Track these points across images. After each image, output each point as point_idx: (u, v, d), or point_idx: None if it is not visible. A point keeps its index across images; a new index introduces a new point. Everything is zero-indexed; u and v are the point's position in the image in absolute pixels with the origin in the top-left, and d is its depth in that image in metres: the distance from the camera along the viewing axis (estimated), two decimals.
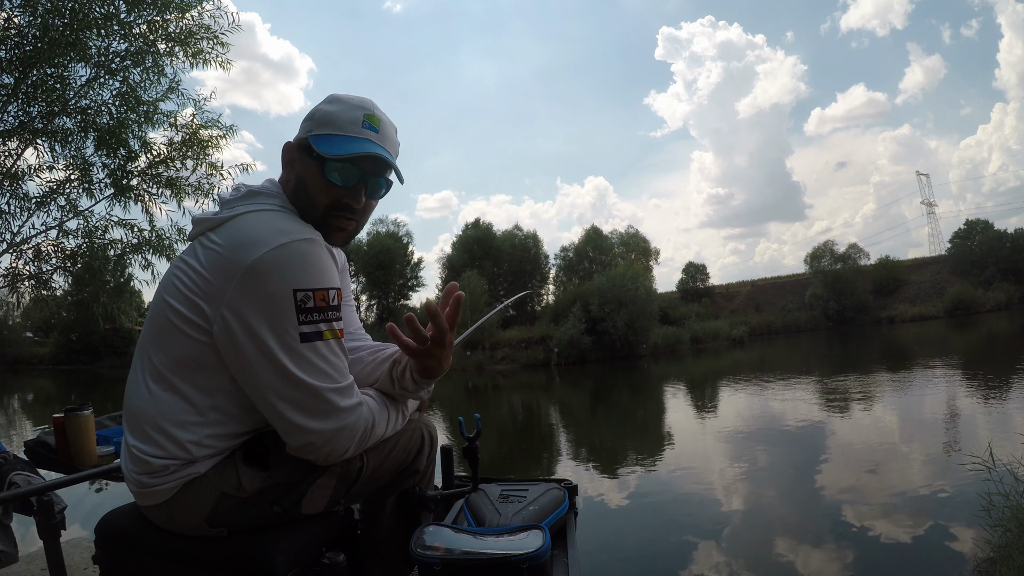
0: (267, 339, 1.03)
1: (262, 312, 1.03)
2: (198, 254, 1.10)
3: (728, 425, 11.29)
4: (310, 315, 1.05)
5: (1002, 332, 25.77)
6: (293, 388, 1.05)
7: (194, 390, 1.09)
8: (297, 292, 1.04)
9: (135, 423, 1.12)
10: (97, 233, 6.30)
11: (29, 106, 5.71)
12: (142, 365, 1.13)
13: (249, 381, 1.07)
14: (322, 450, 1.10)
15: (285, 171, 1.24)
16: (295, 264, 1.04)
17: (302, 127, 1.22)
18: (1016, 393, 11.38)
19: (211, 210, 1.25)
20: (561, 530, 1.52)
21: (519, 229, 38.84)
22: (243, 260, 1.03)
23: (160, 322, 1.11)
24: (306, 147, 1.19)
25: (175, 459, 1.09)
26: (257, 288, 1.02)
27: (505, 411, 17.22)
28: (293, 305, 1.03)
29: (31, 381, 32.55)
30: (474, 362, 28.80)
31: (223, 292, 1.04)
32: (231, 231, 1.09)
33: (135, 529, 1.18)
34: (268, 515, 1.16)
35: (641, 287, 29.08)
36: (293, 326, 1.04)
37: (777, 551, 5.23)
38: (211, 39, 6.18)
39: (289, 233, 1.06)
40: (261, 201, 1.16)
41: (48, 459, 1.97)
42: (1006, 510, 3.97)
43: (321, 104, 1.21)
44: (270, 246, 1.03)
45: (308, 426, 1.07)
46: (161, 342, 1.10)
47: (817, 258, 40.27)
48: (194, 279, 1.08)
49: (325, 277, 1.08)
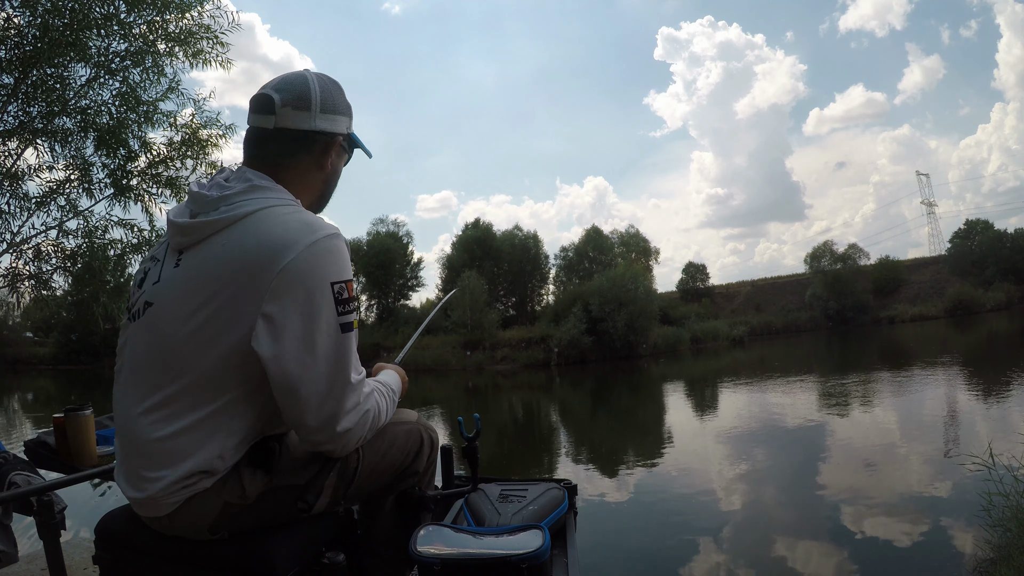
0: (314, 332, 1.03)
1: (306, 307, 1.03)
2: (210, 260, 1.06)
3: (728, 425, 11.29)
4: (346, 306, 1.07)
5: (1002, 332, 25.77)
6: (334, 378, 1.06)
7: (207, 409, 1.06)
8: (334, 285, 1.06)
9: (135, 450, 1.09)
10: (97, 233, 6.28)
11: (29, 106, 5.70)
12: (139, 391, 1.09)
13: (287, 378, 1.03)
14: (343, 440, 1.10)
15: (317, 160, 1.22)
16: (329, 259, 1.06)
17: (340, 122, 1.23)
18: (1016, 393, 11.38)
19: (183, 209, 1.16)
20: (561, 530, 1.51)
21: (519, 229, 38.87)
22: (279, 259, 1.02)
23: (169, 341, 1.06)
24: (348, 142, 1.26)
25: (180, 481, 1.06)
26: (299, 285, 1.03)
27: (505, 411, 17.22)
28: (332, 297, 1.05)
29: (31, 381, 32.56)
30: (474, 362, 28.80)
31: (260, 294, 1.02)
32: (253, 230, 1.06)
33: (135, 529, 1.17)
34: (269, 517, 1.15)
35: (641, 287, 29.09)
36: (334, 317, 1.06)
37: (777, 551, 5.23)
38: (211, 39, 6.18)
39: (317, 229, 1.07)
40: (271, 196, 1.12)
41: (48, 459, 1.96)
42: (1006, 510, 3.97)
43: (341, 95, 1.24)
44: (304, 244, 1.04)
45: (340, 416, 1.08)
46: (172, 361, 1.06)
47: (817, 258, 40.28)
48: (215, 287, 1.04)
49: (349, 268, 1.11)
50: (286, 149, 1.18)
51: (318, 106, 1.18)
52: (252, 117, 1.19)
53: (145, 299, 1.13)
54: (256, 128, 1.18)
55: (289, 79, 1.20)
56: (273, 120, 1.16)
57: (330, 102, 1.20)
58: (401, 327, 33.26)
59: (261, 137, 1.18)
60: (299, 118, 1.17)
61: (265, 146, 1.18)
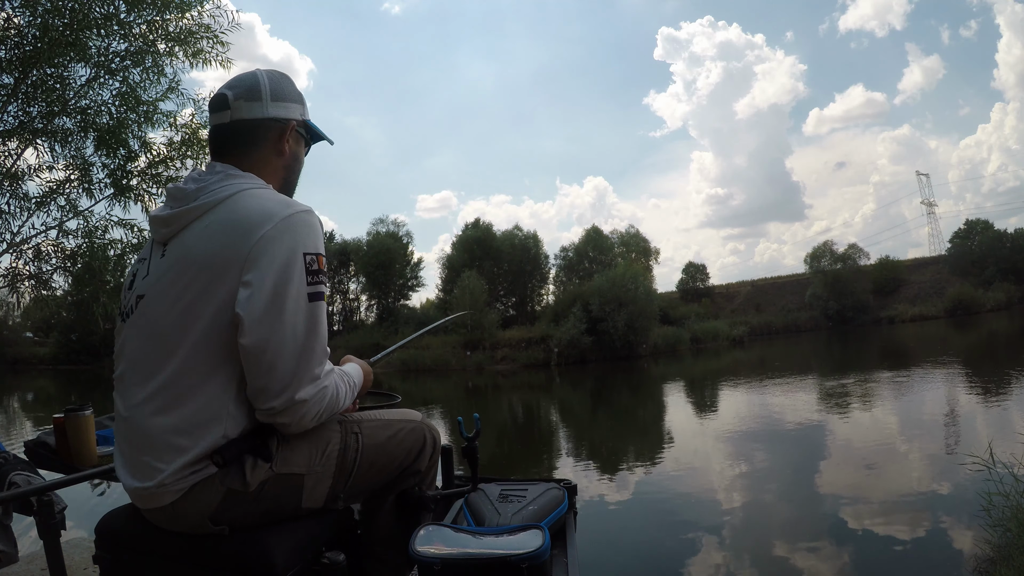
0: (284, 297, 1.08)
1: (279, 273, 1.08)
2: (193, 243, 1.12)
3: (728, 425, 11.30)
4: (316, 276, 1.13)
5: (1002, 332, 25.78)
6: (298, 343, 1.09)
7: (205, 393, 1.08)
8: (306, 256, 1.12)
9: (139, 441, 1.11)
10: (97, 233, 6.28)
11: (29, 106, 5.70)
12: (138, 382, 1.12)
13: (254, 338, 1.06)
14: (300, 410, 1.10)
15: (275, 146, 1.27)
16: (303, 230, 1.13)
17: (292, 108, 1.29)
18: (1016, 393, 11.38)
19: (163, 207, 1.22)
20: (561, 530, 1.52)
21: (519, 229, 38.89)
22: (258, 230, 1.08)
23: (161, 325, 1.11)
24: (305, 129, 1.33)
25: (187, 467, 1.08)
26: (274, 252, 1.08)
27: (505, 411, 17.22)
28: (303, 266, 1.11)
29: (31, 381, 32.55)
30: (474, 362, 28.80)
31: (240, 264, 1.07)
32: (232, 209, 1.13)
33: (135, 529, 1.18)
34: (270, 509, 1.16)
35: (641, 287, 29.09)
36: (304, 286, 1.10)
37: (777, 551, 5.23)
38: (211, 38, 6.18)
39: (291, 205, 1.15)
40: (246, 181, 1.18)
41: (48, 459, 1.96)
42: (1006, 510, 3.97)
43: (291, 85, 1.31)
44: (280, 216, 1.11)
45: (301, 384, 1.09)
46: (165, 343, 1.09)
47: (817, 258, 40.30)
48: (200, 265, 1.09)
49: (321, 244, 1.17)
50: (244, 139, 1.25)
51: (268, 95, 1.25)
52: (211, 117, 1.27)
53: (136, 294, 1.18)
54: (216, 126, 1.26)
55: (240, 77, 1.28)
56: (228, 114, 1.24)
57: (279, 91, 1.28)
58: (401, 327, 33.26)
59: (221, 132, 1.26)
60: (252, 108, 1.24)
61: (226, 140, 1.25)
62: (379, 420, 1.37)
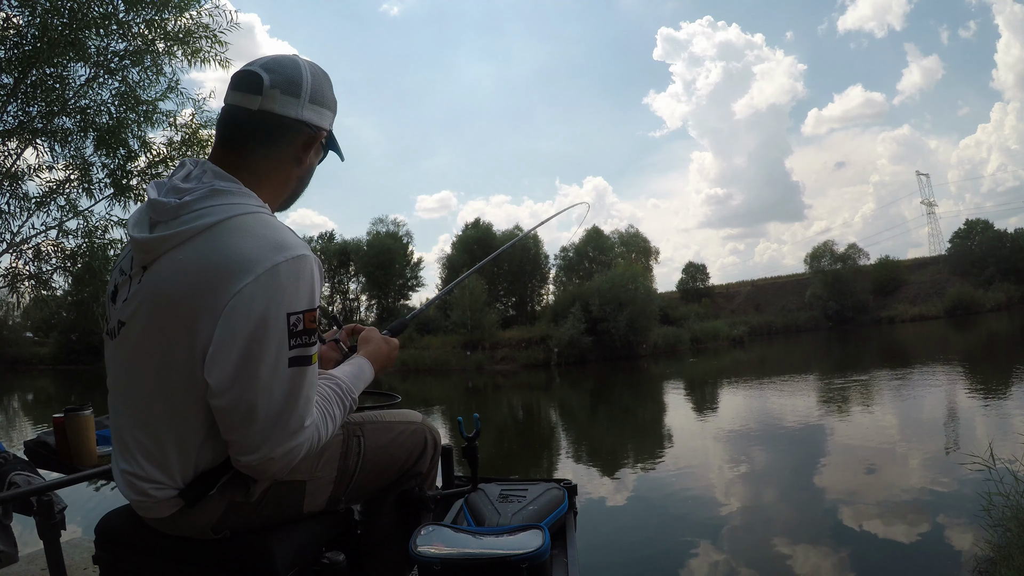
0: (257, 364, 0.96)
1: (253, 335, 0.96)
2: (168, 281, 0.99)
3: (728, 425, 11.29)
4: (300, 339, 0.99)
5: (1002, 332, 25.77)
6: (271, 412, 0.98)
7: (196, 436, 1.03)
8: (290, 316, 0.98)
9: (133, 462, 1.06)
10: (97, 233, 6.29)
11: (29, 106, 5.71)
12: (126, 412, 1.08)
13: (224, 404, 0.98)
14: (274, 468, 1.03)
15: (297, 153, 1.13)
16: (289, 286, 0.98)
17: (326, 116, 1.16)
18: (1016, 393, 11.39)
19: (143, 217, 1.06)
20: (561, 530, 1.52)
21: (519, 229, 38.85)
22: (236, 282, 0.95)
23: (140, 371, 1.04)
24: (328, 142, 1.20)
25: (173, 493, 1.05)
26: (250, 312, 0.95)
27: (505, 411, 17.21)
28: (286, 329, 0.98)
29: (31, 381, 32.55)
30: (474, 362, 28.79)
31: (214, 319, 0.96)
32: (212, 246, 0.98)
33: (135, 529, 1.17)
34: (272, 515, 1.15)
35: (641, 287, 29.12)
36: (284, 351, 0.98)
37: (776, 551, 5.23)
38: (210, 38, 6.19)
39: (282, 249, 0.99)
40: (236, 200, 1.02)
41: (48, 459, 1.96)
42: (1006, 510, 3.97)
43: (331, 89, 1.17)
44: (264, 267, 0.96)
45: (276, 445, 1.00)
46: (146, 391, 1.04)
47: (817, 258, 40.34)
48: (174, 312, 0.98)
49: (314, 296, 1.02)
50: (266, 135, 1.08)
51: (308, 94, 1.10)
52: (233, 95, 1.09)
53: (118, 318, 1.07)
54: (236, 107, 1.08)
55: (280, 60, 1.10)
56: (259, 101, 1.06)
57: (320, 93, 1.13)
58: None
59: (241, 118, 1.08)
60: (286, 104, 1.08)
61: (243, 128, 1.08)
62: (380, 422, 1.35)
